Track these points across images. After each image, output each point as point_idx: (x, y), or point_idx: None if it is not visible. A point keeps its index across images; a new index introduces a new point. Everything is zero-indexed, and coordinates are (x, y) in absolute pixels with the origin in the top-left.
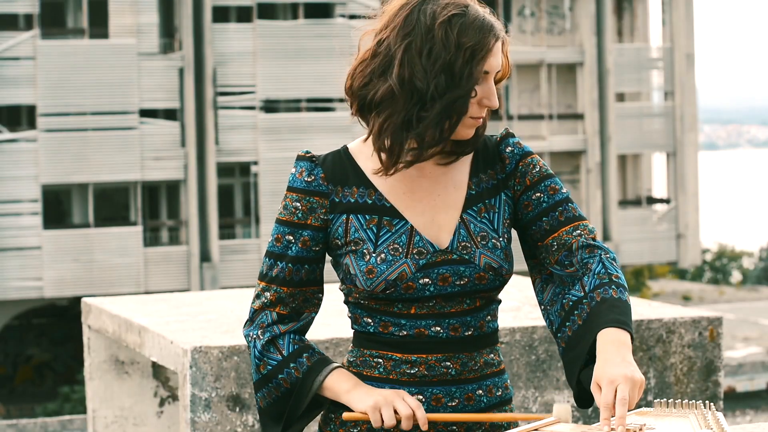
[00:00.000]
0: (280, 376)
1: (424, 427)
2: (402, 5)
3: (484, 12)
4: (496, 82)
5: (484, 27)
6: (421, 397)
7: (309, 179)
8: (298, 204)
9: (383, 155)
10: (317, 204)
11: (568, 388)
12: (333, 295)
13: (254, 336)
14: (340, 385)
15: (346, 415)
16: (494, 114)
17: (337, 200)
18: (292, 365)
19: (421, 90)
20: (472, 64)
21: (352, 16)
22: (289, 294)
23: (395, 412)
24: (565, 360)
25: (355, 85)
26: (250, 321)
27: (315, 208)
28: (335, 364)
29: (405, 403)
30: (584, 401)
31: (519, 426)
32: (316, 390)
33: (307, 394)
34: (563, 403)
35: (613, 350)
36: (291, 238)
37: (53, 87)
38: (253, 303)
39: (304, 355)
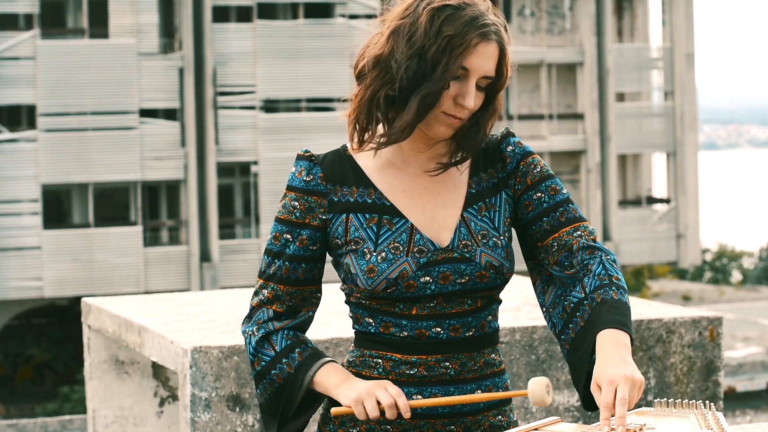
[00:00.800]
0: (273, 371)
1: (406, 414)
2: None
3: (488, 16)
4: (495, 92)
5: (473, 23)
6: (419, 396)
7: (308, 178)
8: (297, 203)
9: (349, 128)
10: (315, 203)
11: (569, 388)
12: (333, 295)
13: (250, 332)
14: (328, 380)
15: (333, 410)
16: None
17: (336, 199)
18: (284, 360)
19: (392, 70)
20: (449, 55)
21: (352, 16)
22: (285, 292)
23: (379, 402)
24: (570, 362)
25: (358, 65)
26: (249, 318)
27: (313, 208)
28: (326, 359)
29: (386, 393)
30: (591, 404)
31: (520, 424)
32: (307, 385)
33: (298, 390)
34: (539, 377)
35: (612, 351)
36: (289, 236)
37: (53, 87)
38: (252, 300)
39: (296, 350)
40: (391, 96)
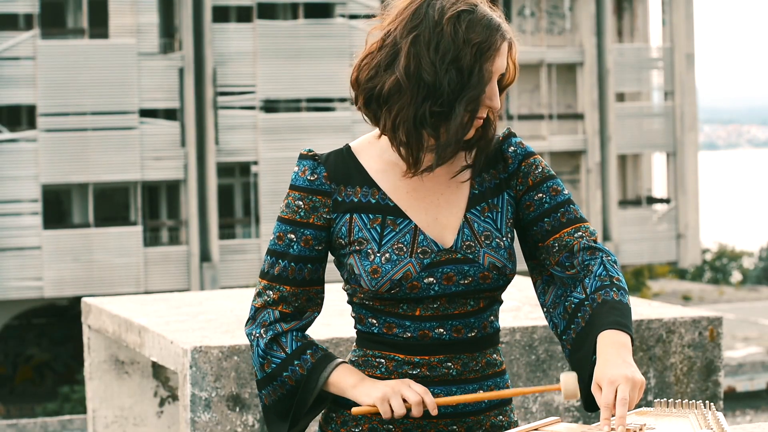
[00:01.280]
0: (284, 373)
1: (433, 411)
2: (411, 0)
3: (492, 13)
4: (503, 87)
5: (491, 25)
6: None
7: (312, 178)
8: (301, 202)
9: (402, 150)
10: (320, 203)
11: None
12: (333, 295)
13: (257, 335)
14: (345, 380)
15: (355, 410)
16: None
17: (339, 199)
18: (296, 362)
19: (429, 83)
20: (481, 61)
21: (352, 16)
22: (291, 293)
23: (404, 400)
24: (571, 362)
25: (361, 77)
26: (252, 319)
27: (317, 207)
28: (339, 360)
29: (413, 390)
30: (593, 405)
31: (520, 424)
32: (322, 386)
33: (312, 391)
34: (569, 372)
35: (613, 352)
36: (293, 236)
37: (53, 87)
38: (254, 301)
39: (308, 351)
40: (437, 112)
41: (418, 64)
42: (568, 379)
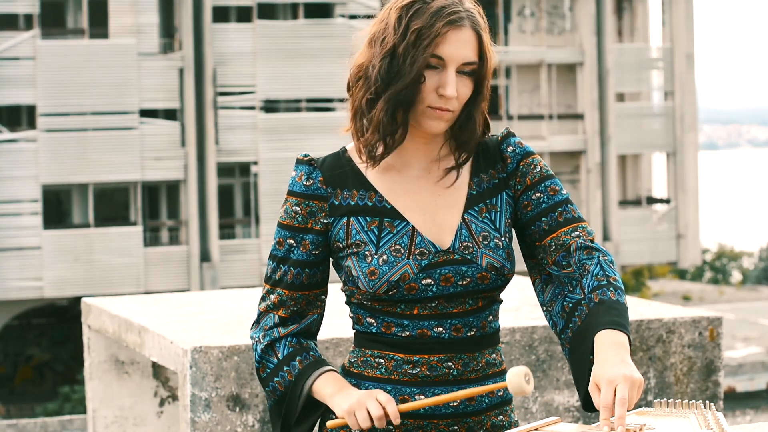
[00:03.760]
0: (275, 379)
1: (396, 421)
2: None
3: (459, 4)
4: (481, 77)
5: (440, 13)
6: (422, 396)
7: (308, 183)
8: (298, 208)
9: (355, 142)
10: (317, 207)
11: (569, 388)
12: (333, 295)
13: (256, 339)
14: (324, 389)
15: (329, 423)
16: (494, 114)
17: (336, 203)
18: (285, 369)
19: (369, 76)
20: (418, 48)
21: (352, 16)
22: (290, 297)
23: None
24: (570, 362)
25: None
26: (256, 323)
27: (315, 212)
28: (326, 368)
29: (376, 403)
30: (591, 405)
31: (520, 424)
32: (307, 393)
33: (298, 398)
34: (518, 367)
35: (611, 351)
36: (293, 242)
37: (53, 87)
38: (259, 305)
39: (297, 358)
40: (370, 99)
41: (370, 59)
42: (513, 377)
